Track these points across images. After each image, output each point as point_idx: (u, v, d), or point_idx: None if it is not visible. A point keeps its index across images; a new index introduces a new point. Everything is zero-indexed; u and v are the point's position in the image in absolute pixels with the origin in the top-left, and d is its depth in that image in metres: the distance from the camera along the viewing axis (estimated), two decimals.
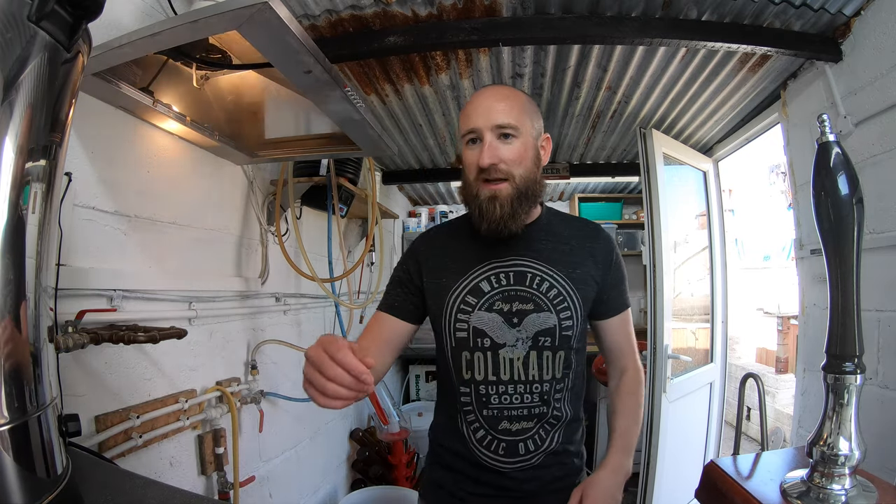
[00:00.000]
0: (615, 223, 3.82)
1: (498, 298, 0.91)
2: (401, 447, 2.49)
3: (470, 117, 0.89)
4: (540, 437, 0.92)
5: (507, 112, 0.87)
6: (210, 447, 1.35)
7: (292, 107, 1.25)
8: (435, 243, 1.02)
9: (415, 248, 1.03)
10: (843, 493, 0.67)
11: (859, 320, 0.69)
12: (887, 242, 1.35)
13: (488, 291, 0.92)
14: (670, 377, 2.13)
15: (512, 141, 0.87)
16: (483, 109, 0.87)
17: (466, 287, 0.93)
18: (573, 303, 0.92)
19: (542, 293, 0.91)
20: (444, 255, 0.98)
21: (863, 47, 1.45)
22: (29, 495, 0.49)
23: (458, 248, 0.98)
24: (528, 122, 0.89)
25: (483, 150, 0.86)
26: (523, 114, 0.89)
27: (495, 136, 0.87)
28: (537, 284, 0.92)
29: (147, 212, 1.17)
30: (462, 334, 0.92)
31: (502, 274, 0.92)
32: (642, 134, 2.20)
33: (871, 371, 1.36)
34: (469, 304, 0.92)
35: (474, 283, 0.93)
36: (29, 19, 0.46)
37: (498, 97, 0.89)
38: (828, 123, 0.71)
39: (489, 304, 0.91)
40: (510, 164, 0.87)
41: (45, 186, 0.52)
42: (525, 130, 0.88)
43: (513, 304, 0.91)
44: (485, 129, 0.86)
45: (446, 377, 0.98)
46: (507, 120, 0.86)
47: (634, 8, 1.43)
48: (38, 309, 0.52)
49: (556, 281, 0.92)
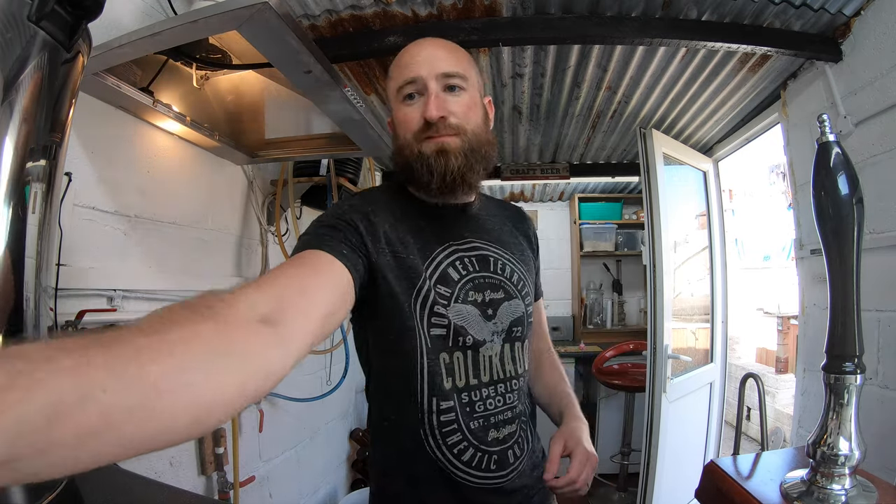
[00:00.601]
0: (615, 223, 3.82)
1: (469, 287, 0.76)
2: None
3: (409, 66, 0.74)
4: (524, 440, 0.81)
5: (453, 61, 0.75)
6: (210, 447, 1.35)
7: (292, 107, 1.25)
8: (388, 208, 0.77)
9: (358, 205, 0.75)
10: (843, 493, 0.67)
11: (859, 320, 0.69)
12: (887, 242, 1.36)
13: (458, 280, 0.76)
14: (670, 377, 2.13)
15: (460, 93, 0.75)
16: (425, 57, 0.75)
17: (431, 273, 0.74)
18: (531, 287, 0.85)
19: (507, 278, 0.80)
20: (402, 227, 0.76)
21: (863, 47, 1.45)
22: (29, 495, 0.49)
23: (413, 222, 0.77)
24: (474, 74, 0.79)
25: (429, 101, 0.72)
26: (470, 65, 0.78)
27: (441, 86, 0.73)
28: (501, 269, 0.81)
29: (147, 212, 1.17)
30: (439, 331, 0.73)
31: (466, 258, 0.78)
32: (642, 134, 2.20)
33: (871, 371, 1.36)
34: (443, 296, 0.74)
35: (439, 269, 0.75)
36: (29, 19, 0.46)
37: (440, 45, 0.77)
38: (828, 123, 0.71)
39: (463, 294, 0.75)
40: (460, 117, 0.74)
41: (45, 186, 0.52)
42: (472, 83, 0.77)
43: (485, 293, 0.77)
44: (429, 77, 0.73)
45: (404, 393, 0.74)
46: (454, 68, 0.74)
47: (634, 8, 1.43)
48: (38, 309, 0.52)
49: (514, 265, 0.83)
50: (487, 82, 1.92)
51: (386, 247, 0.73)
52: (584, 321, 3.78)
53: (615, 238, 3.82)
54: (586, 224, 3.82)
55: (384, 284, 0.72)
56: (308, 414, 2.05)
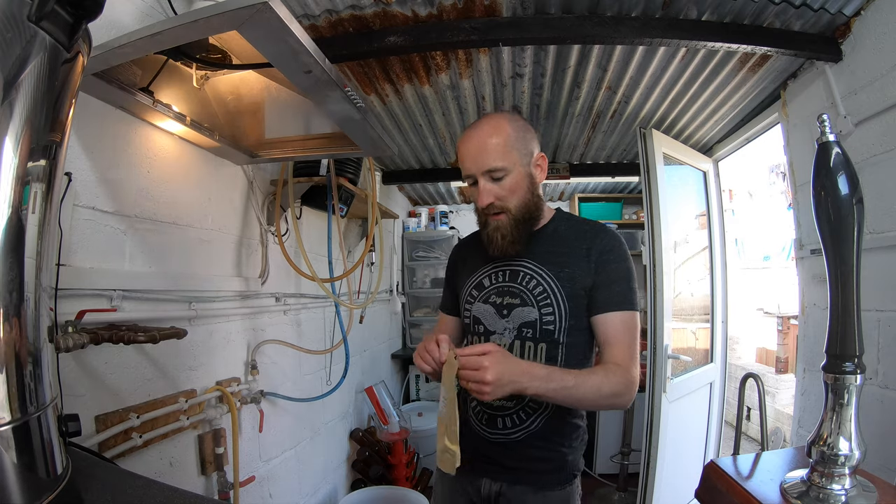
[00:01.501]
0: (615, 223, 3.82)
1: (493, 292, 1.07)
2: (401, 447, 2.49)
3: (464, 163, 1.01)
4: (519, 418, 1.02)
5: (495, 155, 0.97)
6: (210, 447, 1.35)
7: (292, 107, 1.25)
8: (462, 250, 1.24)
9: (452, 254, 1.26)
10: (843, 493, 0.67)
11: (859, 320, 0.69)
12: (887, 242, 1.36)
13: (487, 286, 1.08)
14: (670, 377, 2.13)
15: (503, 178, 0.99)
16: (474, 155, 0.99)
17: (473, 282, 1.11)
18: (556, 300, 1.01)
19: (528, 290, 1.03)
20: (465, 259, 1.19)
21: (863, 47, 1.45)
22: (29, 495, 0.49)
23: (475, 253, 1.14)
24: (516, 155, 0.99)
25: (479, 193, 1.00)
26: (511, 150, 0.98)
27: (487, 179, 0.99)
28: (526, 282, 1.03)
29: (147, 212, 1.17)
30: (467, 320, 1.12)
31: (500, 272, 1.07)
32: (642, 134, 2.19)
33: (871, 371, 1.36)
34: (472, 297, 1.10)
35: (478, 279, 1.10)
36: (29, 19, 0.46)
37: (485, 137, 0.98)
38: (828, 123, 0.71)
39: (486, 296, 1.08)
40: (504, 199, 1.00)
41: (45, 186, 0.52)
42: (514, 165, 0.99)
43: (504, 298, 1.05)
44: (478, 174, 0.99)
45: None
46: (495, 164, 0.97)
47: (634, 8, 1.43)
48: (38, 309, 0.52)
49: (542, 279, 1.02)
50: (488, 84, 1.92)
51: (457, 276, 1.19)
52: None
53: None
54: None
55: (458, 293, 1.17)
56: (308, 414, 2.05)
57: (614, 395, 0.93)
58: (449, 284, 1.23)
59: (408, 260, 3.84)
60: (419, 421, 2.97)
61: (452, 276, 1.22)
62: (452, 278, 1.22)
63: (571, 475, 1.05)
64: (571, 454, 1.05)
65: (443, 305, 1.25)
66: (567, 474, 1.04)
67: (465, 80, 1.89)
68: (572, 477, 1.05)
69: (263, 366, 1.67)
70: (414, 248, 3.85)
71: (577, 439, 1.06)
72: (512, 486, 1.03)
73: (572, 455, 1.05)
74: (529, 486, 1.02)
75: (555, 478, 1.03)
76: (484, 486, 1.05)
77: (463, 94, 2.01)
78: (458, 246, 1.27)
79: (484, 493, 1.05)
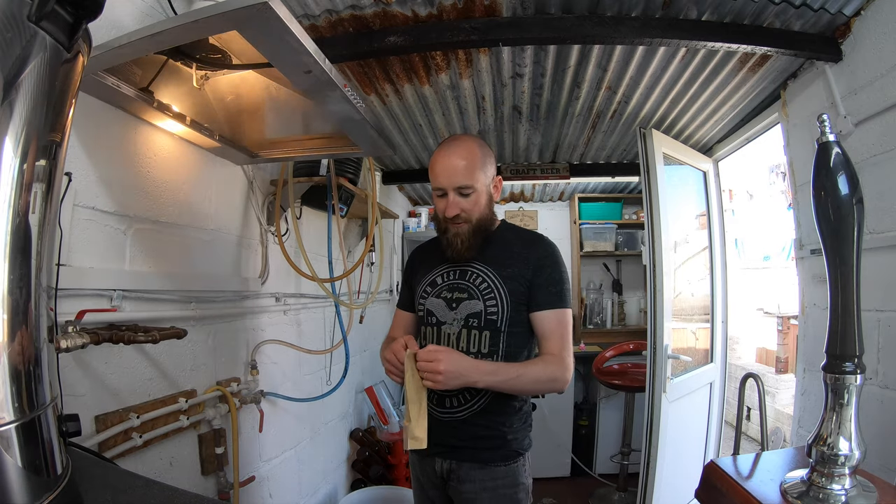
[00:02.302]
0: (615, 223, 3.82)
1: (445, 289, 1.23)
2: (401, 447, 2.49)
3: (437, 177, 1.16)
4: (464, 398, 1.17)
5: (465, 175, 1.14)
6: (210, 447, 1.35)
7: (292, 107, 1.25)
8: (420, 253, 1.39)
9: (411, 256, 1.41)
10: (843, 493, 0.68)
11: (859, 320, 0.69)
12: (887, 242, 1.36)
13: (440, 283, 1.24)
14: (670, 377, 2.13)
15: (469, 195, 1.16)
16: (446, 171, 1.15)
17: (428, 280, 1.26)
18: (499, 294, 1.17)
19: (475, 286, 1.19)
20: (423, 260, 1.33)
21: (863, 47, 1.45)
22: (29, 495, 0.49)
23: (432, 255, 1.30)
24: (481, 176, 1.16)
25: (448, 204, 1.15)
26: (478, 171, 1.15)
27: (456, 194, 1.15)
28: (473, 279, 1.20)
29: (147, 212, 1.17)
30: (421, 313, 1.27)
31: (451, 271, 1.24)
32: (642, 134, 2.19)
33: (871, 371, 1.36)
34: (426, 293, 1.25)
35: (433, 277, 1.26)
36: (29, 19, 0.46)
37: (457, 158, 1.14)
38: (828, 123, 0.71)
39: (438, 292, 1.23)
40: (468, 211, 1.16)
41: (45, 186, 0.52)
42: (479, 184, 1.16)
43: (454, 293, 1.21)
44: (448, 188, 1.15)
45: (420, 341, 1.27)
46: (464, 182, 1.14)
47: (634, 8, 1.43)
48: (38, 309, 0.52)
49: (487, 277, 1.19)
50: (488, 84, 1.92)
51: (414, 275, 1.34)
52: (584, 321, 3.78)
53: (615, 238, 3.82)
54: (586, 224, 3.82)
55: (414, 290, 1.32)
56: (308, 414, 2.05)
57: (551, 380, 1.13)
58: (406, 283, 1.38)
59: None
60: None
61: (410, 276, 1.36)
62: (410, 278, 1.36)
63: (515, 453, 1.18)
64: (511, 433, 1.18)
65: (400, 302, 1.40)
66: (510, 451, 1.17)
67: (465, 80, 1.89)
68: (517, 455, 1.18)
69: (263, 366, 1.67)
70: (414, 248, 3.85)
71: (519, 420, 1.20)
72: (461, 464, 1.17)
73: (512, 434, 1.18)
74: (476, 463, 1.16)
75: (497, 454, 1.16)
76: (437, 464, 1.20)
77: (463, 94, 2.01)
78: (416, 249, 1.42)
79: (438, 471, 1.20)
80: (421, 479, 1.27)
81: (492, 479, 1.15)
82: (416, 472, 1.29)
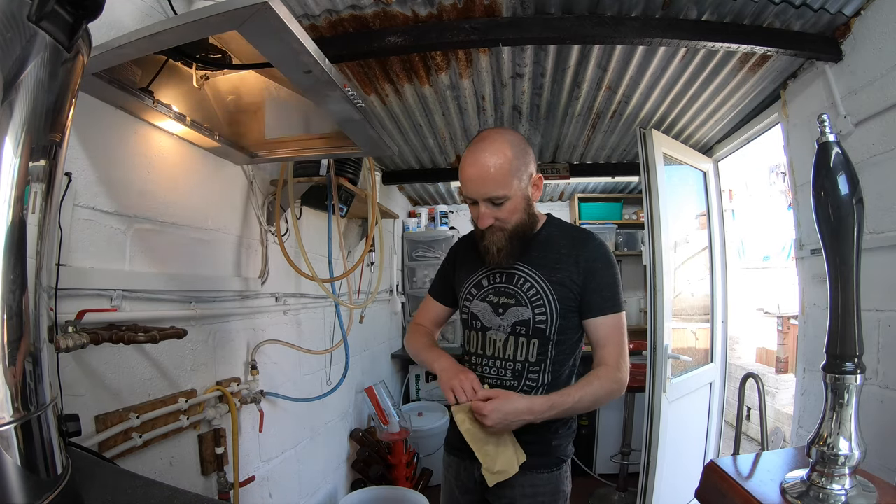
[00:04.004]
0: (615, 223, 3.82)
1: (490, 292, 1.16)
2: (401, 447, 2.49)
3: (466, 186, 1.07)
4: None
5: (496, 184, 1.03)
6: (210, 447, 1.35)
7: (292, 107, 1.25)
8: (464, 246, 1.29)
9: (455, 247, 1.34)
10: (843, 493, 0.68)
11: (859, 320, 0.69)
12: (887, 242, 1.35)
13: (486, 286, 1.17)
14: (670, 377, 2.13)
15: (503, 204, 1.06)
16: (475, 181, 1.04)
17: (472, 281, 1.19)
18: (548, 301, 1.09)
19: (523, 291, 1.12)
20: (466, 256, 1.25)
21: (863, 47, 1.45)
22: (29, 495, 0.49)
23: (476, 253, 1.18)
24: (515, 182, 1.05)
25: (480, 215, 1.07)
26: (511, 177, 1.04)
27: (488, 205, 1.06)
28: (520, 284, 1.12)
29: (147, 212, 1.17)
30: (465, 316, 1.21)
31: (497, 274, 1.16)
32: (642, 134, 2.19)
33: (871, 371, 1.36)
34: (471, 295, 1.19)
35: (478, 279, 1.18)
36: (29, 19, 0.46)
37: (488, 165, 1.03)
38: (828, 123, 0.71)
39: (484, 295, 1.16)
40: (503, 220, 1.07)
41: (45, 186, 0.52)
42: (514, 190, 1.05)
43: (500, 297, 1.14)
44: (479, 200, 1.06)
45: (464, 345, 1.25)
46: (496, 192, 1.04)
47: (634, 8, 1.43)
48: (38, 309, 0.52)
49: (535, 282, 1.11)
50: (488, 84, 1.92)
51: (457, 271, 1.27)
52: None
53: (615, 238, 3.82)
54: (586, 224, 3.82)
55: (455, 289, 1.27)
56: (308, 414, 2.05)
57: (609, 395, 1.07)
58: (444, 274, 1.32)
59: (408, 260, 3.84)
60: (419, 421, 2.97)
61: (450, 269, 1.30)
62: (450, 271, 1.30)
63: (559, 460, 1.13)
64: (556, 440, 1.13)
65: (433, 290, 1.34)
66: (554, 459, 1.13)
67: (465, 80, 1.89)
68: (560, 462, 1.13)
69: (263, 366, 1.67)
70: (414, 248, 3.85)
71: (565, 426, 1.15)
72: None
73: (557, 441, 1.13)
74: (518, 469, 1.08)
75: (541, 461, 1.10)
76: (476, 470, 1.11)
77: (463, 94, 2.01)
78: (461, 240, 1.33)
79: (477, 477, 1.12)
80: (453, 483, 1.22)
81: (532, 485, 1.10)
82: (448, 476, 1.24)
